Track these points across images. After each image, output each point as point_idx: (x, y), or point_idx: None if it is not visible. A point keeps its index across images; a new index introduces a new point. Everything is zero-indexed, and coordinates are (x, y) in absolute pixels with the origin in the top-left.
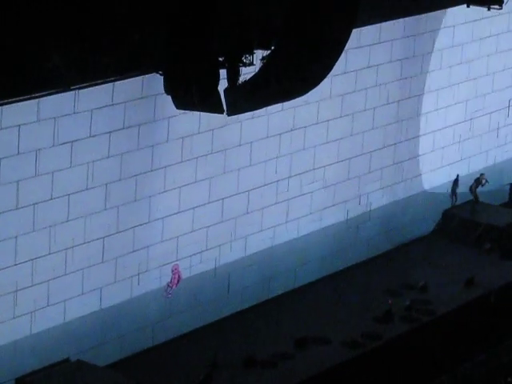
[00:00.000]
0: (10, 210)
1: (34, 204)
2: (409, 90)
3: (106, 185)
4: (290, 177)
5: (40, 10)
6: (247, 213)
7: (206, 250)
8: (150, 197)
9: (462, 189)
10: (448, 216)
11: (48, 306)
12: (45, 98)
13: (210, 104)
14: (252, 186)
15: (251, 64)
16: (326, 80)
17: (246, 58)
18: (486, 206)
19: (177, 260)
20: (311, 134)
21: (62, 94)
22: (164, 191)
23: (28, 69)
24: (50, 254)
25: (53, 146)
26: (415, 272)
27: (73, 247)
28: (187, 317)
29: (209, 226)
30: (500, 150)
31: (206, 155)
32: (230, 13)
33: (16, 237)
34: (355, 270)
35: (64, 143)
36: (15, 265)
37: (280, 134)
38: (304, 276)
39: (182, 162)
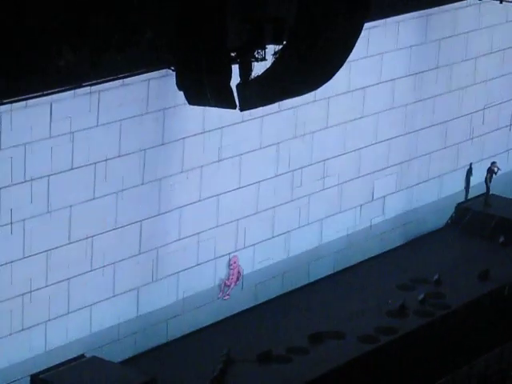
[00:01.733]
0: (19, 184)
1: (47, 176)
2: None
3: (144, 151)
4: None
5: (53, 8)
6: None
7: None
8: (201, 167)
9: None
10: (461, 209)
11: (68, 312)
12: None
13: (223, 99)
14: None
15: (263, 59)
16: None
17: (258, 53)
18: (499, 199)
19: (236, 250)
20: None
21: None
22: (218, 160)
23: (40, 66)
24: (69, 243)
25: (74, 97)
26: (429, 266)
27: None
28: (201, 312)
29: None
30: None
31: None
32: (242, 8)
33: (24, 220)
34: (369, 265)
35: (86, 94)
36: (24, 257)
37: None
38: (318, 271)
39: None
